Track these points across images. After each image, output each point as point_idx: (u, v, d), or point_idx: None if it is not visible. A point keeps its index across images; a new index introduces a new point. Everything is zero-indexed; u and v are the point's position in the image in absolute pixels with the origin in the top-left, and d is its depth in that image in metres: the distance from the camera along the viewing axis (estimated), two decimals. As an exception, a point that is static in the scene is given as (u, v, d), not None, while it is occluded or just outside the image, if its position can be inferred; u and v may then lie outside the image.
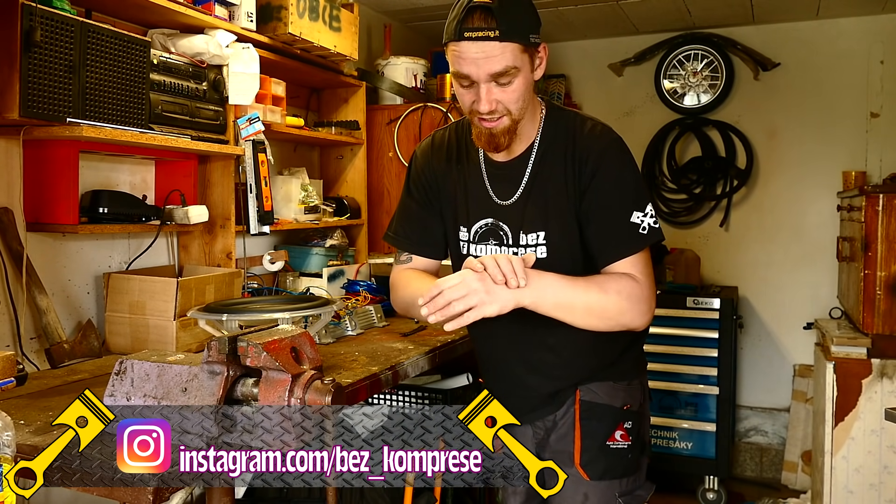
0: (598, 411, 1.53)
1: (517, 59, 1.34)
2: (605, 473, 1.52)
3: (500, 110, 1.38)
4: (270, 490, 2.28)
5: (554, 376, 1.56)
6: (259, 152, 2.40)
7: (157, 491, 1.12)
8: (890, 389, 2.66)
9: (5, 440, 1.07)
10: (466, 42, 1.32)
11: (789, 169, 3.91)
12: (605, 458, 1.52)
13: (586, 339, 1.46)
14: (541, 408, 1.58)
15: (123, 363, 1.31)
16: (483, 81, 1.35)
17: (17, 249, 1.86)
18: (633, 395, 1.58)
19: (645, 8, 3.63)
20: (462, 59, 1.34)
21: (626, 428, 1.54)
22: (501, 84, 1.35)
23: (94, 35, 1.78)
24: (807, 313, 3.75)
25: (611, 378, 1.56)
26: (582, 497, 1.53)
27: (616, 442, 1.53)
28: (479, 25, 1.31)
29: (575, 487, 1.52)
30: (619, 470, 1.54)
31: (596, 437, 1.53)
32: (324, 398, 1.17)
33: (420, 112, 3.14)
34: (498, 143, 1.42)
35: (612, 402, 1.55)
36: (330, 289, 2.64)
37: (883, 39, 3.71)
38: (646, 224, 1.41)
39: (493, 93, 1.36)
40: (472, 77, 1.35)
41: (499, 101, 1.37)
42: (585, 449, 1.53)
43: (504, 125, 1.39)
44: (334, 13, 2.64)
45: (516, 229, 1.48)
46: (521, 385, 1.58)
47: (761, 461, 3.94)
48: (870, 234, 2.66)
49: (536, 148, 1.49)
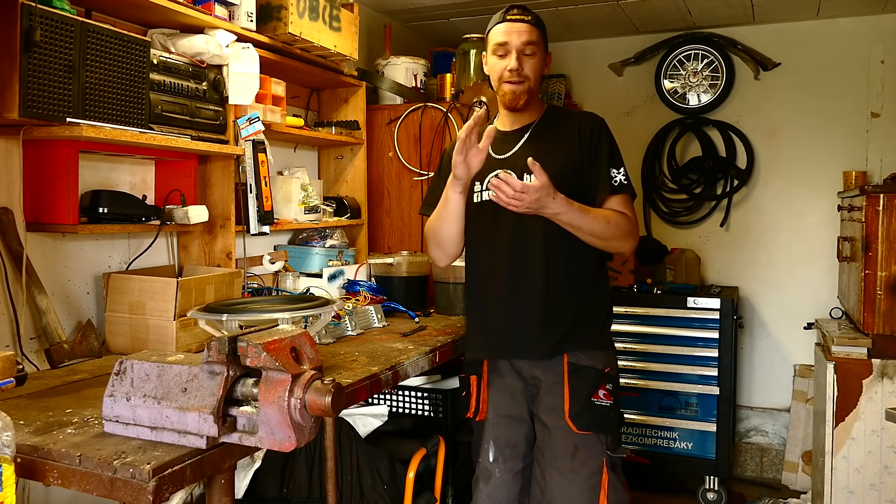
0: (583, 372, 1.86)
1: (539, 42, 1.91)
2: (591, 426, 1.83)
3: (523, 74, 1.89)
4: (270, 490, 2.28)
5: (541, 306, 1.89)
6: (259, 152, 2.40)
7: (157, 490, 1.12)
8: (890, 389, 2.66)
9: (5, 440, 1.07)
10: (509, 22, 1.90)
11: (789, 169, 3.91)
12: (591, 413, 1.83)
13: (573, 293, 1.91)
14: (527, 346, 1.90)
15: (123, 363, 1.31)
16: (516, 48, 1.88)
17: (17, 249, 1.86)
18: (612, 363, 1.93)
19: (645, 8, 3.63)
20: (503, 32, 1.90)
21: (608, 388, 1.87)
22: (527, 55, 1.90)
23: (94, 35, 1.78)
24: (807, 313, 3.75)
25: (591, 345, 1.90)
26: (572, 448, 1.83)
27: (600, 399, 1.85)
28: (518, 14, 1.90)
29: (566, 438, 1.83)
30: (604, 425, 1.84)
31: (582, 393, 1.84)
32: (324, 398, 1.17)
33: (420, 112, 3.14)
34: (518, 100, 1.92)
35: (595, 364, 1.88)
36: (330, 289, 2.64)
37: (883, 39, 3.71)
38: (619, 179, 1.92)
39: (522, 59, 1.89)
40: (510, 45, 1.88)
41: (524, 66, 1.89)
42: (574, 402, 1.84)
43: (523, 88, 1.91)
44: (334, 13, 2.64)
45: (518, 174, 1.89)
46: (510, 312, 1.92)
47: (762, 461, 3.94)
48: (870, 234, 2.66)
49: (536, 124, 1.99)
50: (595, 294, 1.95)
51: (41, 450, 1.22)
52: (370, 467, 2.25)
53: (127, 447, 1.22)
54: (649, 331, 3.55)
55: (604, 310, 1.97)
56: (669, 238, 4.10)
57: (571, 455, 1.82)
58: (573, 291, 1.91)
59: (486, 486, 1.95)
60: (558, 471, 1.83)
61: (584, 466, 1.82)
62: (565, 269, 1.90)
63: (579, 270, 1.92)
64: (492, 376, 1.98)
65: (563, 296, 1.90)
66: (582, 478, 1.81)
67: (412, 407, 2.62)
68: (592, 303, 1.94)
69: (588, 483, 1.81)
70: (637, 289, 3.66)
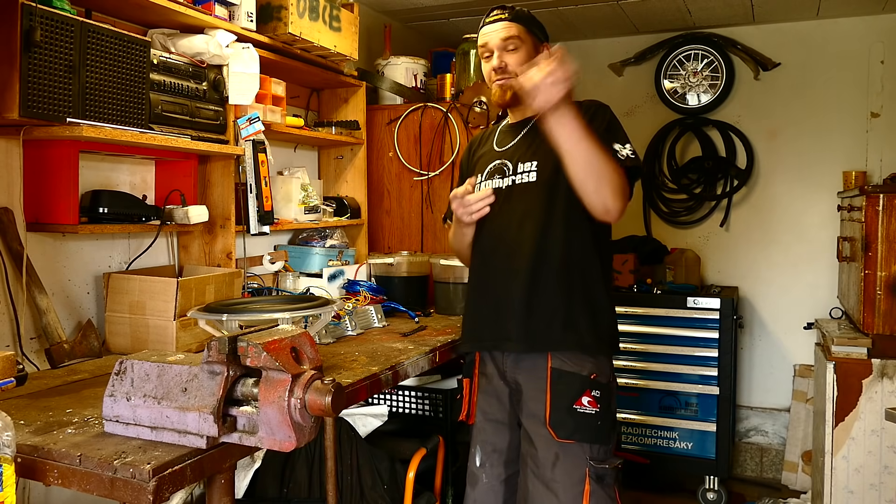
0: (566, 378, 1.78)
1: (521, 34, 1.89)
2: (574, 434, 1.75)
3: (508, 70, 1.88)
4: (270, 490, 2.28)
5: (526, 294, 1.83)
6: (259, 152, 2.40)
7: (157, 490, 1.12)
8: (890, 389, 2.66)
9: (5, 440, 1.07)
10: (487, 25, 1.93)
11: (789, 169, 3.91)
12: (573, 421, 1.75)
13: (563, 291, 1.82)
14: (507, 335, 1.85)
15: (123, 363, 1.31)
16: (496, 47, 1.90)
17: (17, 249, 1.86)
18: (602, 369, 1.82)
19: (645, 8, 3.63)
20: (483, 35, 1.93)
21: (593, 395, 1.78)
22: (509, 50, 1.89)
23: (94, 35, 1.78)
24: (807, 313, 3.76)
25: (579, 348, 1.80)
26: (553, 456, 1.76)
27: (583, 406, 1.76)
28: (496, 14, 1.92)
29: (547, 447, 1.77)
30: (588, 434, 1.76)
31: (563, 401, 1.77)
32: (324, 398, 1.17)
33: (420, 112, 3.14)
34: (505, 97, 1.91)
35: (580, 370, 1.79)
36: (330, 289, 2.64)
37: (883, 39, 3.71)
38: (625, 153, 1.79)
39: (503, 56, 1.89)
40: (489, 45, 1.91)
41: (506, 63, 1.88)
42: (554, 410, 1.77)
43: (510, 83, 1.88)
44: (334, 13, 2.64)
45: (515, 163, 1.93)
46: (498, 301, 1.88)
47: (761, 461, 3.94)
48: (870, 234, 2.66)
49: (538, 116, 1.87)
50: (592, 295, 1.84)
51: (41, 450, 1.22)
52: (370, 467, 2.25)
53: (127, 447, 1.22)
54: (649, 331, 3.56)
55: (600, 313, 1.85)
56: (669, 238, 4.10)
57: (553, 464, 1.76)
58: (565, 287, 1.82)
59: (473, 491, 1.94)
60: (540, 480, 1.78)
61: (566, 476, 1.75)
62: (560, 264, 1.81)
63: (576, 268, 1.83)
64: (481, 380, 1.97)
65: (552, 289, 1.82)
66: (563, 488, 1.75)
67: (412, 407, 2.62)
68: (587, 303, 1.83)
69: (569, 493, 1.75)
70: (637, 289, 3.66)
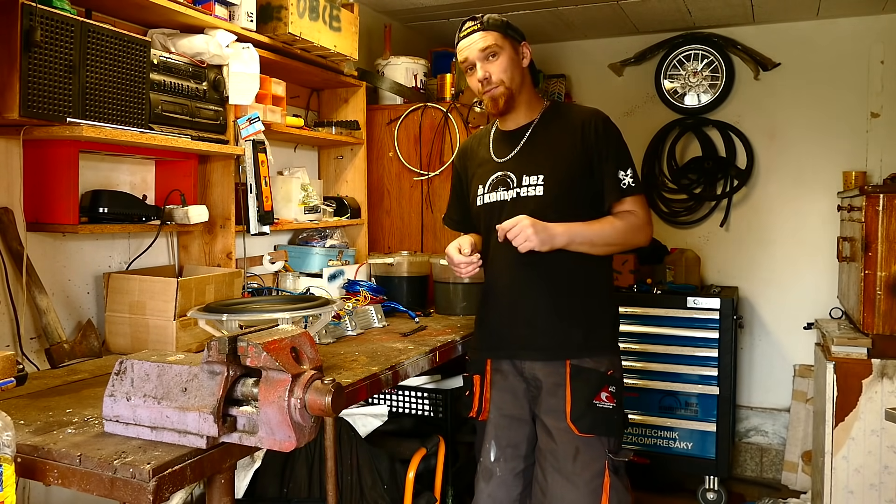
0: (585, 374, 1.85)
1: (498, 41, 1.90)
2: (593, 428, 1.82)
3: (493, 80, 1.90)
4: (270, 490, 2.28)
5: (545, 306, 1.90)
6: (259, 152, 2.40)
7: (157, 490, 1.12)
8: (890, 389, 2.66)
9: (5, 440, 1.07)
10: (462, 39, 1.94)
11: (789, 169, 3.91)
12: (593, 415, 1.82)
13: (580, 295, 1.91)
14: (529, 347, 1.90)
15: (123, 363, 1.31)
16: (476, 59, 1.91)
17: (17, 249, 1.86)
18: (616, 365, 1.92)
19: (645, 8, 3.63)
20: (461, 50, 1.94)
21: (610, 391, 1.85)
22: (490, 59, 1.90)
23: (94, 35, 1.78)
24: (807, 313, 3.75)
25: (596, 348, 1.89)
26: (574, 450, 1.83)
27: (602, 402, 1.83)
28: (469, 27, 1.93)
29: (568, 441, 1.83)
30: (606, 428, 1.83)
31: (584, 396, 1.83)
32: (324, 398, 1.17)
33: (420, 112, 3.14)
34: (498, 105, 1.93)
35: (598, 367, 1.86)
36: (330, 289, 2.64)
37: (883, 39, 3.71)
38: (627, 181, 1.89)
39: (485, 66, 1.90)
40: (470, 59, 1.92)
41: (490, 73, 1.90)
42: (575, 405, 1.83)
43: (500, 91, 1.91)
44: (334, 13, 2.64)
45: (519, 175, 1.93)
46: (514, 312, 1.93)
47: (761, 461, 3.94)
48: (870, 234, 2.66)
49: (536, 123, 1.98)
50: (601, 296, 1.95)
51: (41, 449, 1.22)
52: (370, 467, 2.25)
53: (127, 447, 1.22)
54: (649, 331, 3.55)
55: (609, 312, 1.97)
56: (669, 238, 4.10)
57: (573, 457, 1.82)
58: (578, 293, 1.90)
59: (486, 485, 1.96)
60: (560, 473, 1.83)
61: (586, 469, 1.82)
62: (570, 271, 1.89)
63: (585, 272, 1.91)
64: (494, 376, 1.98)
65: (567, 297, 1.90)
66: (584, 480, 1.81)
67: (412, 407, 2.62)
68: (598, 305, 1.93)
69: (590, 486, 1.81)
70: (637, 289, 3.66)
